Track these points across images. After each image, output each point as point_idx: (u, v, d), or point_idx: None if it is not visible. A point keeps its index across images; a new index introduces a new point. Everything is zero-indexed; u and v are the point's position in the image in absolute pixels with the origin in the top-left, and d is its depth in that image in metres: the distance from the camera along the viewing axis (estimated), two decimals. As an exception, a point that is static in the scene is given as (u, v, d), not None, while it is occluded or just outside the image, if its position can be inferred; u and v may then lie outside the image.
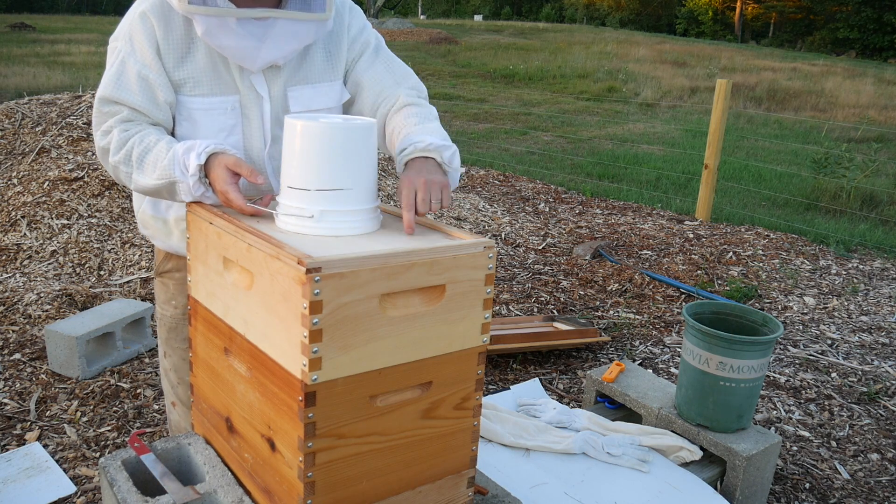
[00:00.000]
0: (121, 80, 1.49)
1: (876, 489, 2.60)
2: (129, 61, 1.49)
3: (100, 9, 51.39)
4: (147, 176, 1.47)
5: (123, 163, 1.49)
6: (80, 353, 2.98)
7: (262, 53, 1.49)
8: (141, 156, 1.47)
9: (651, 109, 14.08)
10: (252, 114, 1.56)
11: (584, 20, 50.84)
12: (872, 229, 6.03)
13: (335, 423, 1.20)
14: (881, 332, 3.93)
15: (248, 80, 1.54)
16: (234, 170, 1.39)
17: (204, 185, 1.43)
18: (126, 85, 1.49)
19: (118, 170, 1.51)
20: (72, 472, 2.45)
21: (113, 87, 1.49)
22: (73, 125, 5.16)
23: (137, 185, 1.50)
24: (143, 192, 1.53)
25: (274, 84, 1.57)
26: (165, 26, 1.48)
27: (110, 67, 1.51)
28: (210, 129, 1.54)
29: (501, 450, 2.35)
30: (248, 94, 1.55)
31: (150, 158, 1.46)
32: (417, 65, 19.08)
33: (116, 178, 1.54)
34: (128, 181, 1.52)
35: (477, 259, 1.29)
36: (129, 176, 1.50)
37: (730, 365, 2.28)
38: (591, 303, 4.19)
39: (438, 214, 5.14)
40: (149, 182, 1.47)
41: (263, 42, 1.48)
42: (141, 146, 1.47)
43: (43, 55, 17.62)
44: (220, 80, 1.53)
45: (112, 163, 1.51)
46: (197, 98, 1.52)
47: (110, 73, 1.50)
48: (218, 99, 1.53)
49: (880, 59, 31.80)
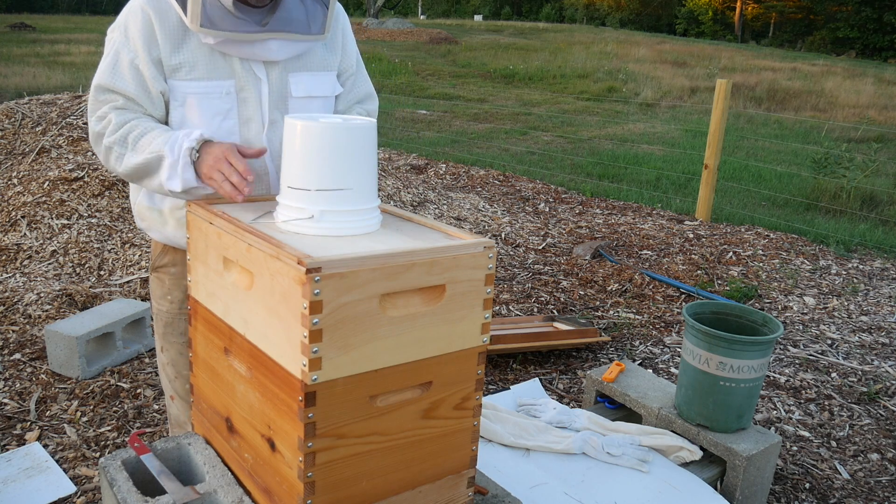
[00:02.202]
0: (115, 69, 1.54)
1: (876, 489, 2.60)
2: (123, 52, 1.54)
3: (100, 9, 51.37)
4: (139, 154, 1.51)
5: (118, 143, 1.52)
6: (80, 353, 2.98)
7: (268, 54, 1.58)
8: (137, 137, 1.51)
9: (651, 109, 14.08)
10: (250, 97, 1.59)
11: (584, 20, 50.83)
12: (872, 229, 6.03)
13: (335, 423, 1.20)
14: (881, 332, 3.93)
15: (248, 63, 1.58)
16: (239, 150, 1.47)
17: (191, 159, 1.47)
18: (120, 74, 1.54)
19: (111, 151, 1.54)
20: (72, 472, 2.45)
21: (108, 75, 1.54)
22: (73, 125, 5.16)
23: (127, 165, 1.53)
24: (128, 176, 1.56)
25: (273, 67, 1.61)
26: (161, 15, 1.53)
27: (106, 57, 1.57)
28: (205, 114, 1.57)
29: (501, 450, 2.35)
30: (246, 76, 1.58)
31: (145, 139, 1.51)
32: (417, 65, 19.10)
33: (107, 161, 1.57)
34: (118, 163, 1.54)
35: (477, 259, 1.29)
36: (122, 157, 1.53)
37: (730, 365, 2.28)
38: (591, 303, 4.19)
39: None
40: (138, 159, 1.51)
41: (265, 44, 1.56)
42: (139, 129, 1.52)
43: (43, 55, 17.62)
44: (216, 65, 1.57)
45: (106, 144, 1.54)
46: (192, 82, 1.55)
47: (105, 62, 1.56)
48: (213, 83, 1.56)
49: (880, 59, 31.79)
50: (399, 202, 5.56)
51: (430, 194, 6.03)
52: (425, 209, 5.64)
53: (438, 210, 5.72)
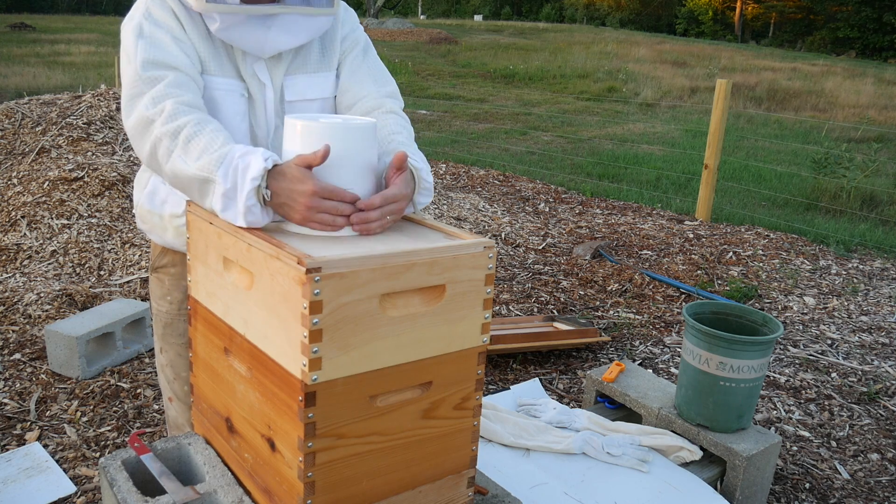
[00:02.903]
0: (156, 45, 1.39)
1: (876, 489, 2.60)
2: (157, 31, 1.42)
3: (100, 9, 51.38)
4: (189, 161, 1.31)
5: (170, 136, 1.33)
6: (80, 353, 2.98)
7: (270, 42, 1.50)
8: (191, 136, 1.32)
9: (651, 109, 14.08)
10: (257, 102, 1.57)
11: (584, 20, 50.85)
12: (872, 229, 6.03)
13: (335, 423, 1.20)
14: (881, 332, 3.93)
15: (251, 67, 1.55)
16: (303, 164, 1.24)
17: (261, 202, 1.26)
18: (164, 47, 1.40)
19: (159, 143, 1.34)
20: (72, 472, 2.45)
21: (151, 51, 1.38)
22: (73, 125, 5.16)
23: (174, 168, 1.33)
24: (173, 182, 1.38)
25: (276, 72, 1.58)
26: (182, 5, 1.46)
27: (139, 40, 1.40)
28: (228, 112, 1.53)
29: (501, 450, 2.35)
30: (251, 81, 1.55)
31: (200, 141, 1.31)
32: (417, 65, 19.10)
33: (153, 155, 1.36)
34: (165, 160, 1.34)
35: (477, 259, 1.29)
36: (170, 154, 1.33)
37: (730, 365, 2.28)
38: (591, 303, 4.19)
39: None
40: (187, 169, 1.31)
41: (271, 30, 1.48)
42: (195, 126, 1.33)
43: (43, 55, 17.63)
44: (223, 66, 1.53)
45: (157, 134, 1.34)
46: (217, 78, 1.51)
47: (141, 44, 1.39)
48: (230, 81, 1.52)
49: (880, 59, 31.80)
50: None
51: (430, 194, 6.02)
52: (425, 209, 5.65)
53: (438, 210, 5.73)
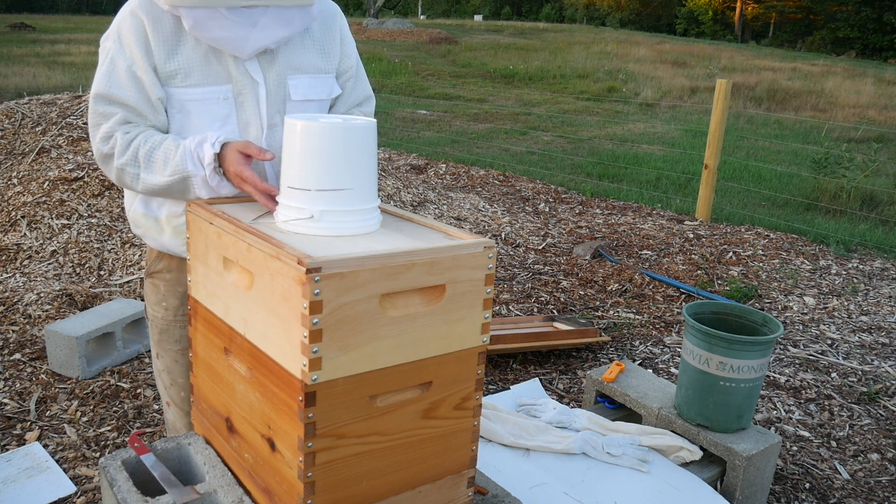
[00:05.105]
0: (112, 78, 1.51)
1: (876, 489, 2.60)
2: (119, 59, 1.51)
3: (100, 9, 51.39)
4: (157, 174, 1.49)
5: (130, 164, 1.50)
6: (80, 353, 2.98)
7: (252, 41, 1.50)
8: (148, 154, 1.49)
9: (651, 109, 14.08)
10: (247, 101, 1.57)
11: (584, 20, 50.84)
12: (872, 229, 6.03)
13: (335, 423, 1.20)
14: (881, 332, 3.93)
15: (243, 66, 1.55)
16: (244, 152, 1.45)
17: (219, 174, 1.47)
18: (118, 82, 1.51)
19: (124, 172, 1.51)
20: (72, 472, 2.45)
21: (105, 83, 1.52)
22: (73, 125, 5.16)
23: (146, 185, 1.52)
24: (151, 193, 1.54)
25: (269, 70, 1.58)
26: (154, 20, 1.50)
27: (101, 66, 1.54)
28: (204, 120, 1.55)
29: (501, 450, 2.35)
30: (243, 80, 1.55)
31: (158, 155, 1.48)
32: (417, 65, 19.10)
33: (121, 182, 1.55)
34: (135, 183, 1.53)
35: (477, 259, 1.29)
36: (137, 177, 1.51)
37: (730, 365, 2.28)
38: (591, 303, 4.19)
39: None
40: (159, 180, 1.49)
41: (254, 28, 1.49)
42: (147, 145, 1.49)
43: (43, 55, 17.62)
44: (212, 71, 1.53)
45: (118, 166, 1.51)
46: (189, 89, 1.53)
47: (101, 71, 1.53)
48: (210, 89, 1.54)
49: (880, 59, 31.78)
50: (399, 202, 5.57)
51: (430, 194, 6.03)
52: (425, 209, 5.64)
53: (438, 210, 5.72)
